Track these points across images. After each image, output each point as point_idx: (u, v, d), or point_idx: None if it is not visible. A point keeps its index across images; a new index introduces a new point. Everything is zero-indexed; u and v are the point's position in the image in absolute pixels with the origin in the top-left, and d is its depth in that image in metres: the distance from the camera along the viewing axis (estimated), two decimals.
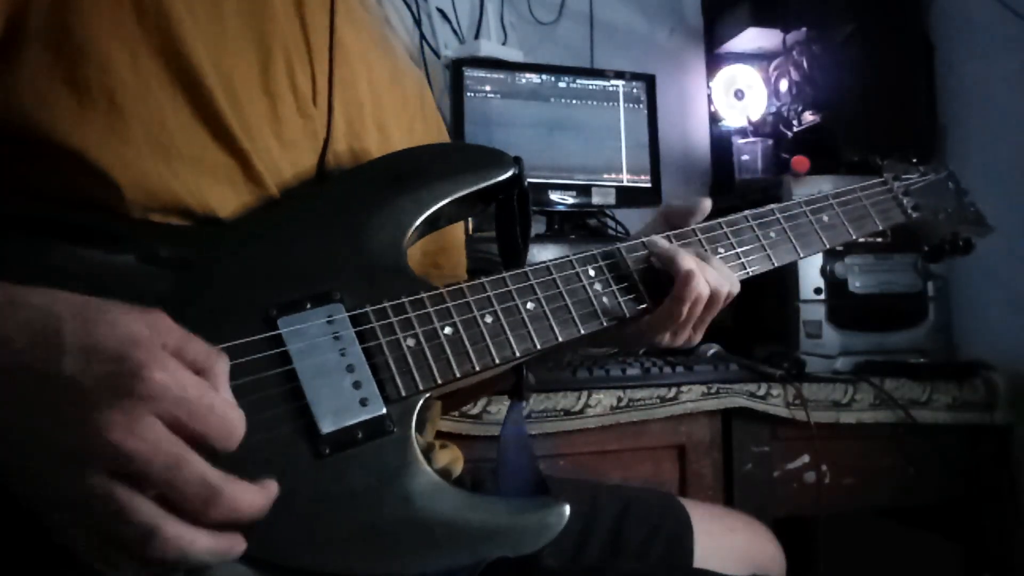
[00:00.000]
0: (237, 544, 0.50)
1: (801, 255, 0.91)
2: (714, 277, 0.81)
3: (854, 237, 0.96)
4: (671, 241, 0.84)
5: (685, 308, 0.80)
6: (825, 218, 0.94)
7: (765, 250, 0.89)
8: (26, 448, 0.47)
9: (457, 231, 0.98)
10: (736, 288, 0.84)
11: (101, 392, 0.45)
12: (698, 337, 0.86)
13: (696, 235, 0.86)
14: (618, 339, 0.88)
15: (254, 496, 0.50)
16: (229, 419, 0.50)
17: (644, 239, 0.84)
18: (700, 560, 0.95)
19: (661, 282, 0.81)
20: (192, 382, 0.48)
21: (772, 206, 0.92)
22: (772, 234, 0.90)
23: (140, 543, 0.46)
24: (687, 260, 0.79)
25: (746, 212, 0.90)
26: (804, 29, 1.86)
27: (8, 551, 0.52)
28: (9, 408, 0.46)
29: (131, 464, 0.45)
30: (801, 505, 1.45)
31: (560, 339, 0.73)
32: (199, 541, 0.48)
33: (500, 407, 1.22)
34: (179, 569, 0.48)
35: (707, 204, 0.89)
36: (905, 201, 1.02)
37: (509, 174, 0.79)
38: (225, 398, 0.50)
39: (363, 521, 0.60)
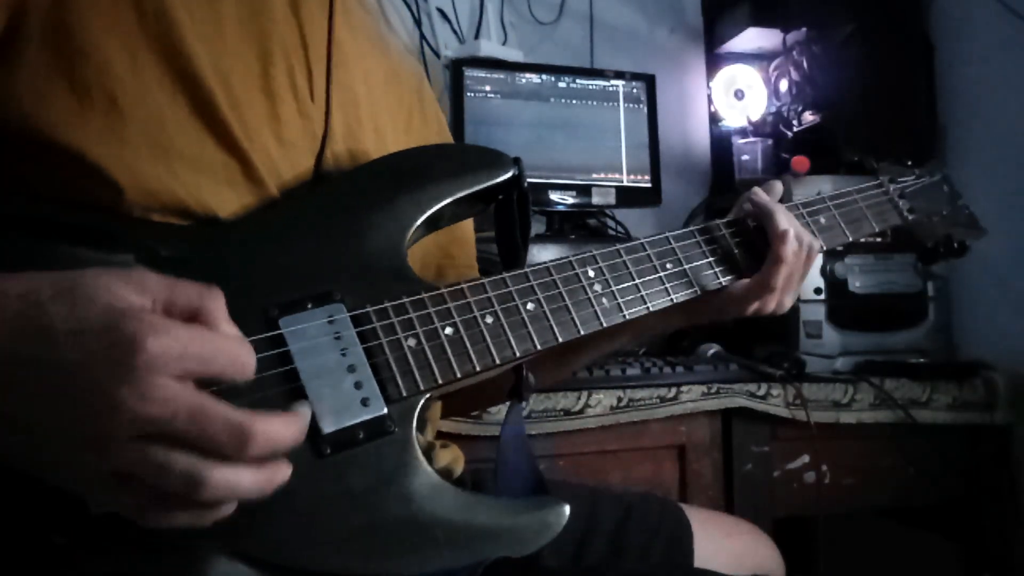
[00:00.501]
0: (281, 470, 0.51)
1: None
2: (807, 234, 0.88)
3: (851, 239, 0.96)
4: (670, 243, 0.84)
5: (783, 269, 0.85)
6: (822, 220, 0.95)
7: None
8: (44, 440, 0.47)
9: (467, 224, 0.98)
10: (819, 248, 0.91)
11: (103, 372, 0.45)
12: (789, 302, 0.90)
13: (695, 236, 0.86)
14: (707, 309, 0.90)
15: (286, 425, 0.50)
16: (236, 352, 0.50)
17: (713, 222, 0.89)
18: (699, 563, 0.96)
19: (738, 256, 0.88)
20: (188, 335, 0.47)
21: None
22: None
23: (189, 493, 0.47)
24: (784, 215, 0.86)
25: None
26: (804, 29, 1.86)
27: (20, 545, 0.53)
28: (19, 403, 0.46)
29: (156, 427, 0.45)
30: (801, 505, 1.46)
31: (560, 339, 0.73)
32: (244, 477, 0.48)
33: (500, 407, 1.22)
34: (228, 510, 0.50)
35: (779, 185, 0.93)
36: (901, 203, 1.03)
37: (509, 175, 0.79)
38: (226, 334, 0.50)
39: (364, 521, 0.60)
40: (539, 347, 0.72)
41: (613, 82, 1.88)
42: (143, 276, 0.49)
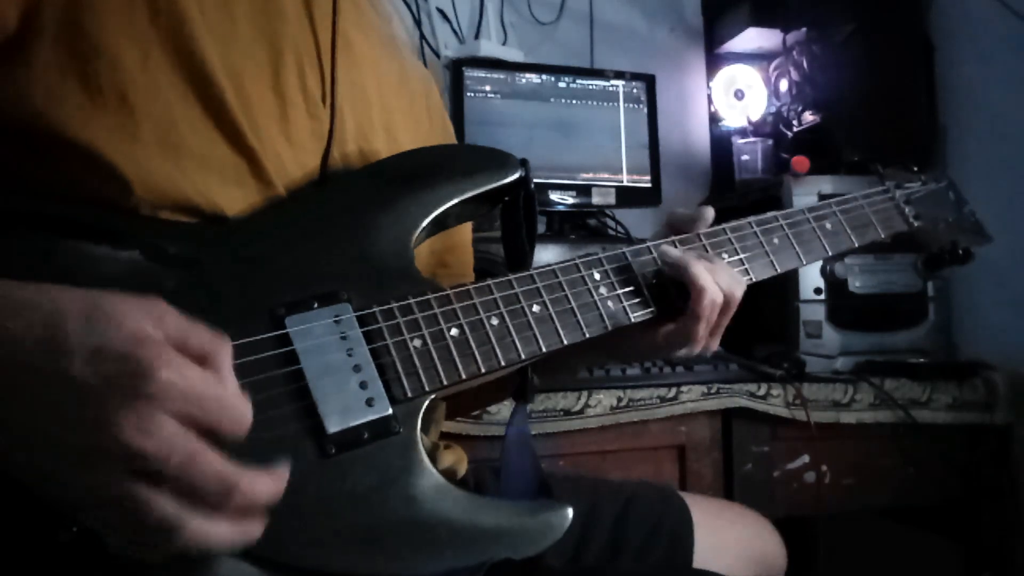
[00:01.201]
0: (255, 528, 0.51)
1: (804, 262, 0.91)
2: (726, 281, 0.80)
3: (856, 245, 0.96)
4: (677, 246, 0.84)
5: (702, 325, 0.79)
6: (828, 225, 0.94)
7: (768, 256, 0.89)
8: (43, 450, 0.47)
9: (464, 229, 0.98)
10: (743, 289, 0.83)
11: (110, 393, 0.46)
12: (715, 344, 0.85)
13: (700, 240, 0.86)
14: (633, 351, 0.87)
15: (267, 483, 0.51)
16: (237, 409, 0.50)
17: (651, 244, 0.84)
18: (701, 554, 0.96)
19: (668, 290, 0.81)
20: (198, 377, 0.48)
21: (775, 213, 0.93)
22: (775, 240, 0.90)
23: (164, 537, 0.47)
24: (700, 271, 0.78)
25: (750, 219, 0.90)
26: (804, 29, 1.86)
27: (21, 548, 0.53)
28: (22, 410, 0.47)
29: (147, 463, 0.46)
30: (801, 505, 1.46)
31: (565, 342, 0.73)
32: (220, 531, 0.49)
33: (500, 407, 1.22)
34: (201, 556, 0.50)
35: (710, 213, 0.88)
36: (907, 210, 1.03)
37: (516, 176, 0.79)
38: (232, 388, 0.51)
39: (367, 521, 0.60)
40: (544, 349, 0.72)
41: (613, 82, 1.88)
42: (163, 310, 0.50)
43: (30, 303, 0.48)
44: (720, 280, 0.80)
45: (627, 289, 0.80)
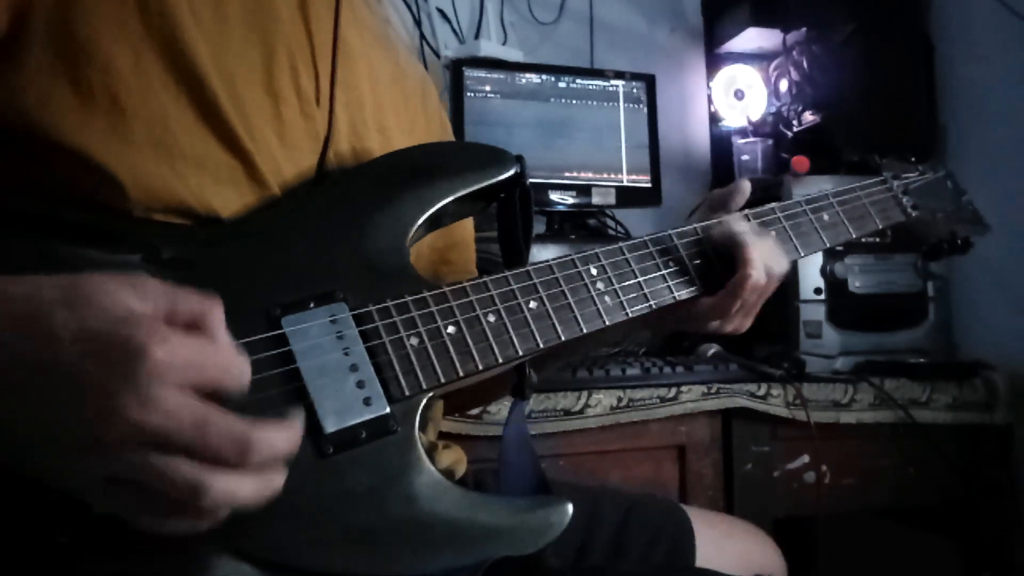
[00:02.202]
0: (278, 479, 0.51)
1: (802, 254, 0.91)
2: (769, 259, 0.83)
3: (854, 236, 0.95)
4: (674, 240, 0.84)
5: (738, 303, 0.82)
6: (825, 217, 0.94)
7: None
8: (50, 445, 0.47)
9: (467, 226, 0.98)
10: (785, 267, 0.86)
11: (106, 377, 0.45)
12: (748, 323, 0.88)
13: (698, 234, 0.86)
14: (659, 325, 0.89)
15: (283, 433, 0.51)
16: (234, 365, 0.50)
17: (698, 225, 0.86)
18: (701, 565, 0.96)
19: (713, 267, 0.84)
20: (191, 344, 0.48)
21: (772, 205, 0.93)
22: (772, 233, 0.89)
23: (189, 502, 0.47)
24: (753, 251, 0.81)
25: (747, 211, 0.90)
26: (804, 29, 1.86)
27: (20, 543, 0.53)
28: (21, 407, 0.47)
29: (159, 436, 0.46)
30: (801, 505, 1.45)
31: (563, 338, 0.73)
32: (244, 484, 0.49)
33: (500, 406, 1.22)
34: (225, 515, 0.50)
35: (747, 185, 0.91)
36: (904, 200, 1.03)
37: (511, 173, 0.79)
38: (225, 346, 0.51)
39: (366, 521, 0.60)
40: (542, 345, 0.72)
41: (613, 82, 1.88)
42: (146, 283, 0.50)
43: (8, 296, 0.48)
44: (770, 261, 0.83)
45: (650, 276, 0.81)
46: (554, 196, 1.78)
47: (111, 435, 0.45)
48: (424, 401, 0.66)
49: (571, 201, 1.79)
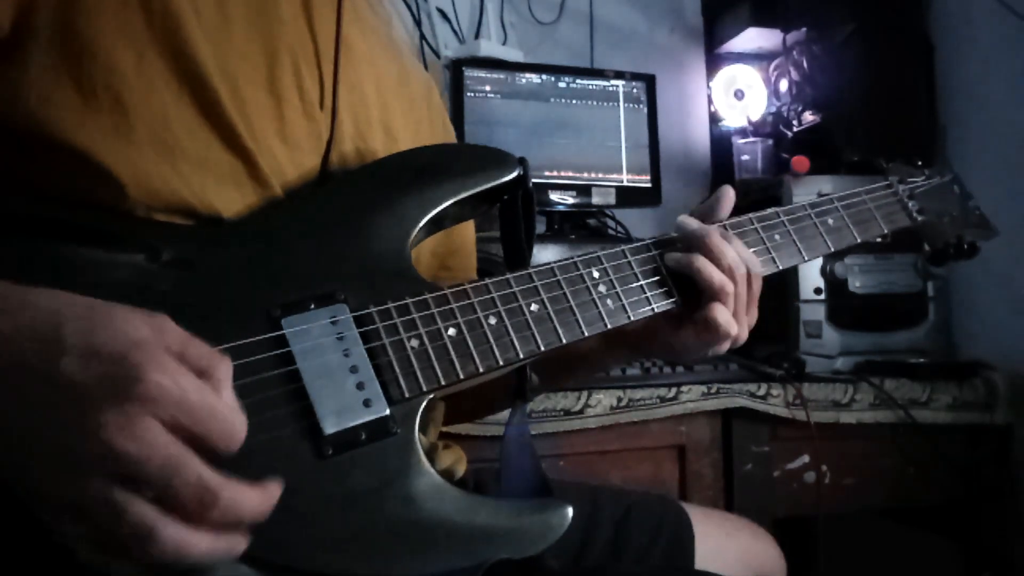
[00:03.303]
0: (237, 544, 0.50)
1: (806, 258, 0.91)
2: (731, 258, 0.80)
3: (859, 240, 0.95)
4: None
5: (716, 308, 0.79)
6: (830, 221, 0.94)
7: (770, 253, 0.88)
8: (24, 447, 0.46)
9: (467, 232, 0.98)
10: (755, 266, 0.83)
11: (99, 393, 0.45)
12: (745, 334, 0.85)
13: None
14: (661, 349, 0.86)
15: (254, 498, 0.50)
16: (230, 422, 0.49)
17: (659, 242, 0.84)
18: (701, 564, 0.96)
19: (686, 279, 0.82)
20: (192, 385, 0.48)
21: (777, 209, 0.92)
22: (777, 237, 0.89)
23: (138, 544, 0.46)
24: (703, 260, 0.79)
25: (750, 215, 0.90)
26: (804, 29, 1.86)
27: (9, 550, 0.53)
28: (9, 407, 0.46)
29: (127, 466, 0.45)
30: (801, 505, 1.45)
31: (564, 341, 0.73)
32: (197, 542, 0.47)
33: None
34: (178, 569, 0.48)
35: (729, 192, 0.89)
36: (911, 205, 1.02)
37: (514, 175, 0.79)
38: (226, 401, 0.50)
39: (365, 522, 0.60)
40: (543, 348, 0.72)
41: (613, 82, 1.88)
42: (164, 322, 0.50)
43: (32, 303, 0.48)
44: (728, 257, 0.80)
45: (649, 280, 0.80)
46: (554, 196, 1.78)
47: (84, 452, 0.45)
48: (424, 403, 0.65)
49: (571, 201, 1.79)
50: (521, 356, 0.71)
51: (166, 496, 0.46)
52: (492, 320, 0.70)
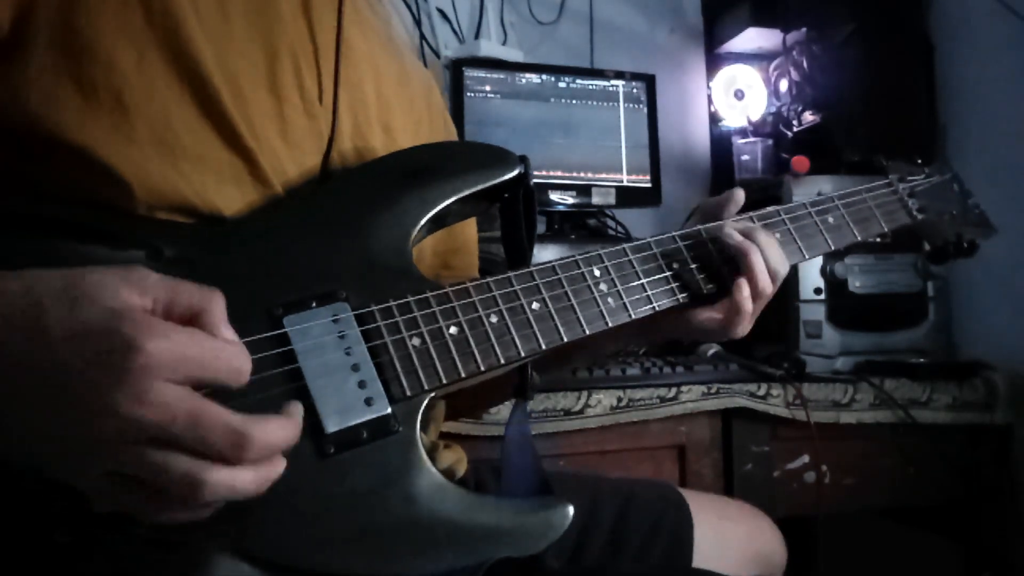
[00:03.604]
0: (277, 468, 0.51)
1: (806, 256, 0.91)
2: (777, 264, 0.84)
3: (859, 239, 0.95)
4: (677, 242, 0.84)
5: (742, 309, 0.83)
6: (830, 219, 0.94)
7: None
8: (48, 443, 0.47)
9: (469, 230, 0.98)
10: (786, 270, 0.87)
11: (100, 373, 0.45)
12: (748, 328, 0.88)
13: (703, 235, 0.86)
14: (671, 333, 0.90)
15: (281, 429, 0.51)
16: (233, 358, 0.50)
17: (702, 228, 0.86)
18: (701, 551, 0.96)
19: (718, 272, 0.85)
20: (187, 337, 0.48)
21: (777, 207, 0.92)
22: (777, 235, 0.89)
23: (187, 495, 0.47)
24: (757, 258, 0.82)
25: (751, 214, 0.90)
26: (804, 29, 1.86)
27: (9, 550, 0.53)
28: (19, 405, 0.46)
29: (155, 431, 0.46)
30: (801, 505, 1.45)
31: (565, 339, 0.73)
32: (242, 477, 0.49)
33: (501, 407, 1.21)
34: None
35: (740, 194, 0.91)
36: (910, 203, 1.02)
37: (515, 173, 0.79)
38: (223, 338, 0.51)
39: (366, 521, 0.60)
40: (544, 347, 0.72)
41: (613, 82, 1.88)
42: (144, 276, 0.49)
43: (6, 292, 0.47)
44: (777, 266, 0.84)
45: (651, 279, 0.81)
46: (554, 196, 1.78)
47: (107, 432, 0.45)
48: (426, 401, 0.65)
49: (571, 201, 1.79)
50: (523, 354, 0.71)
51: (201, 448, 0.47)
52: (494, 318, 0.70)
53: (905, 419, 1.46)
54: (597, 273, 0.78)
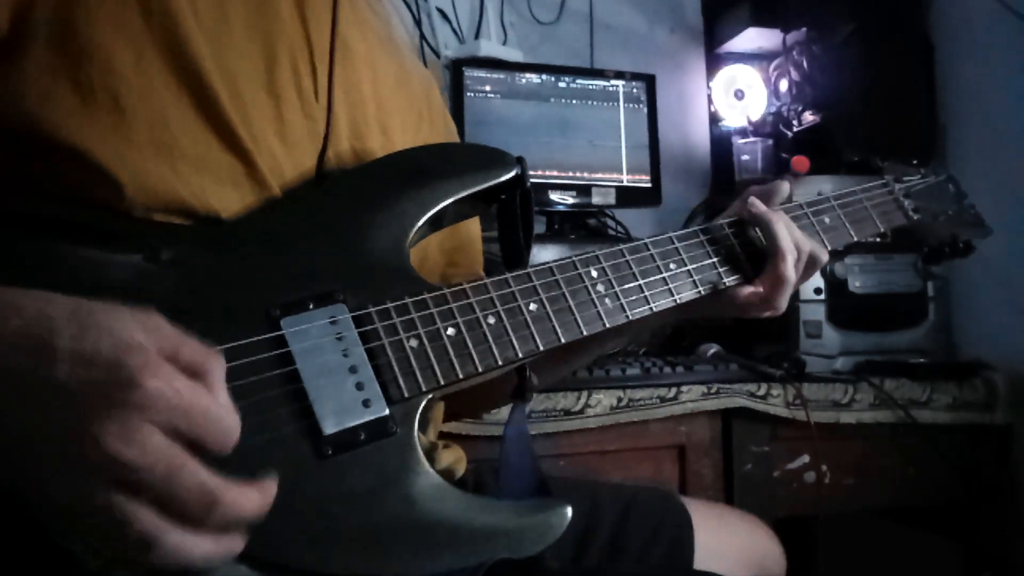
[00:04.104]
0: (236, 545, 0.50)
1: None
2: (807, 242, 0.87)
3: (855, 239, 0.95)
4: (674, 242, 0.84)
5: (783, 285, 0.86)
6: (827, 220, 0.94)
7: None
8: (25, 454, 0.46)
9: (473, 228, 0.98)
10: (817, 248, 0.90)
11: (96, 401, 0.45)
12: (785, 305, 0.89)
13: (699, 236, 0.86)
14: (697, 308, 0.90)
15: (253, 498, 0.50)
16: (224, 422, 0.49)
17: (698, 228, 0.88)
18: (701, 559, 0.96)
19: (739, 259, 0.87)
20: (187, 388, 0.47)
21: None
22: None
23: (141, 551, 0.46)
24: (780, 232, 0.85)
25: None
26: (804, 29, 1.86)
27: (12, 553, 0.53)
28: (6, 415, 0.46)
29: (129, 473, 0.45)
30: (801, 505, 1.45)
31: (563, 340, 0.73)
32: (199, 546, 0.47)
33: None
34: (177, 572, 0.48)
35: (785, 187, 0.93)
36: (906, 203, 1.02)
37: (512, 174, 0.79)
38: (220, 401, 0.50)
39: (365, 522, 0.60)
40: (542, 348, 0.72)
41: (613, 82, 1.88)
42: (156, 321, 0.49)
43: (20, 307, 0.47)
44: (801, 242, 0.87)
45: (647, 280, 0.81)
46: (554, 196, 1.78)
47: (85, 460, 0.45)
48: (424, 403, 0.65)
49: (571, 201, 1.79)
50: (520, 355, 0.71)
51: (167, 500, 0.46)
52: (491, 320, 0.70)
53: (905, 419, 1.46)
54: (594, 274, 0.78)
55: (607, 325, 0.76)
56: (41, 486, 0.46)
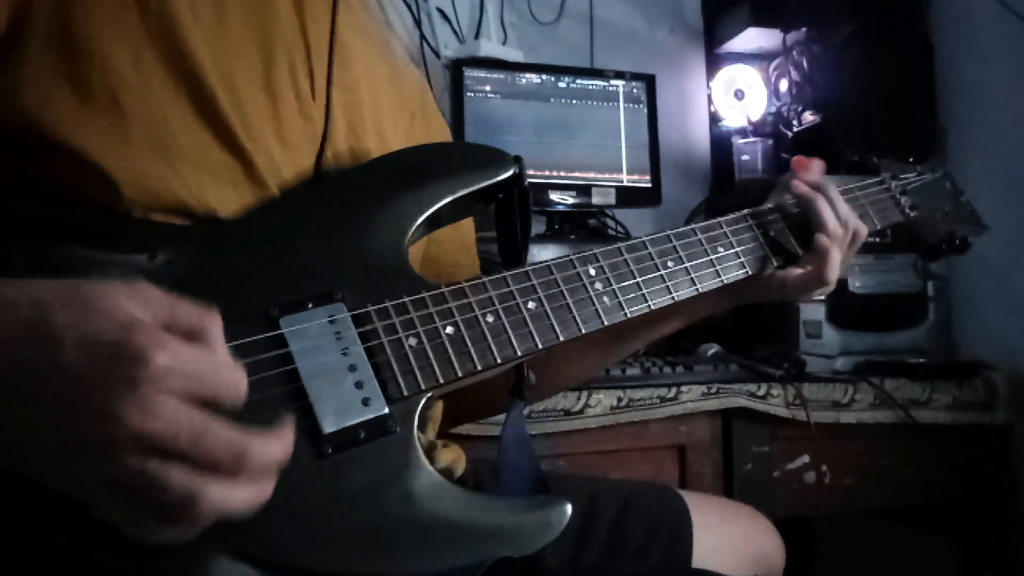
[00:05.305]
0: (269, 487, 0.51)
1: (801, 254, 0.91)
2: (851, 216, 0.92)
3: None
4: (671, 241, 0.84)
5: (831, 262, 0.89)
6: None
7: (764, 249, 0.89)
8: (48, 447, 0.47)
9: (468, 231, 0.98)
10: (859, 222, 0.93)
11: (109, 382, 0.46)
12: (835, 279, 0.91)
13: (696, 234, 0.86)
14: (745, 294, 0.93)
15: (277, 445, 0.51)
16: (232, 377, 0.51)
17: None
18: (700, 553, 0.95)
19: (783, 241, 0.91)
20: (192, 354, 0.49)
21: (770, 205, 0.93)
22: (772, 233, 0.90)
23: (184, 509, 0.47)
24: (824, 209, 0.90)
25: (745, 211, 0.90)
26: (804, 29, 1.86)
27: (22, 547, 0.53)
28: (22, 409, 0.46)
29: (158, 443, 0.46)
30: (801, 505, 1.45)
31: (561, 338, 0.73)
32: (238, 494, 0.49)
33: None
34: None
35: (819, 164, 0.98)
36: (903, 200, 1.03)
37: (509, 173, 0.79)
38: (224, 359, 0.51)
39: (365, 521, 0.60)
40: (540, 346, 0.72)
41: (613, 82, 1.88)
42: (146, 290, 0.50)
43: (9, 300, 0.48)
44: (847, 216, 0.91)
45: (645, 278, 0.82)
46: (554, 196, 1.78)
47: (111, 440, 0.45)
48: (423, 401, 0.66)
49: (571, 201, 1.79)
50: (519, 353, 0.71)
51: (200, 461, 0.47)
52: (490, 318, 0.70)
53: (905, 419, 1.46)
54: (592, 272, 0.78)
55: (605, 323, 0.76)
56: (75, 472, 0.47)
